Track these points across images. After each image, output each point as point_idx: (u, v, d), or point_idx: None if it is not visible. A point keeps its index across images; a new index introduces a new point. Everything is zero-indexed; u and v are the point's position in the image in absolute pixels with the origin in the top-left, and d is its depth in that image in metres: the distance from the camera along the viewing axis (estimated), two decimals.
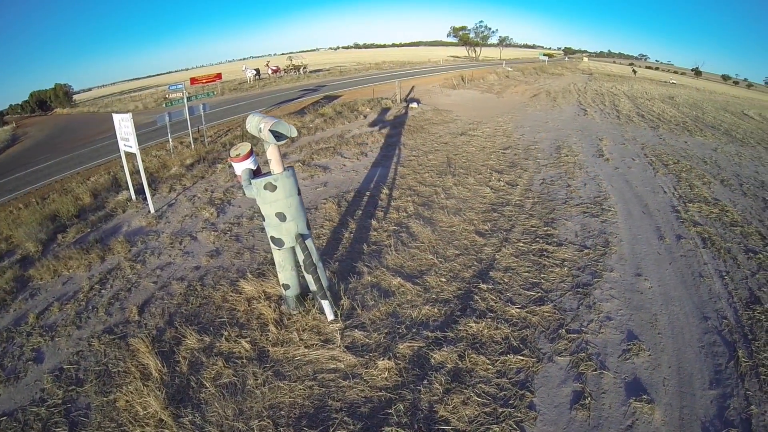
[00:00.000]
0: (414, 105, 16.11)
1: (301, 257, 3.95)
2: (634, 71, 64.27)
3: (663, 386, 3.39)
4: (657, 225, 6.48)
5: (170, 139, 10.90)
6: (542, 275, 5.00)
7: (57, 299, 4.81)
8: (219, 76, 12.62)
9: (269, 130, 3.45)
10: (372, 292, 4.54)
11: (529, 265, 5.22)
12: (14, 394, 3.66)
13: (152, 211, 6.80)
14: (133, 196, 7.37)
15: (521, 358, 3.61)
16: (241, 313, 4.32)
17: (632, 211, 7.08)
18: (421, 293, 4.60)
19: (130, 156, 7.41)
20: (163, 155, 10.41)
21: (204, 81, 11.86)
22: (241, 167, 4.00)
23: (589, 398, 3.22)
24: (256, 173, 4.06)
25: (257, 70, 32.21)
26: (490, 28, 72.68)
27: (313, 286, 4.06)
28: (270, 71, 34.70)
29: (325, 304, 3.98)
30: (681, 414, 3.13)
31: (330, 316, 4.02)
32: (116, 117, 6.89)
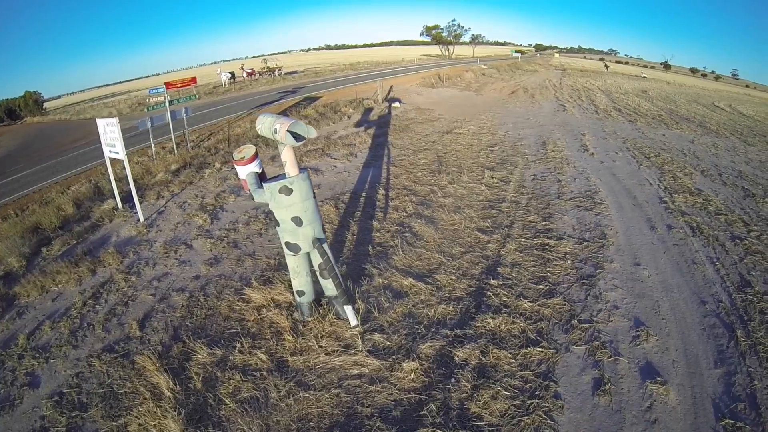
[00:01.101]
0: (396, 104, 16.35)
1: (317, 262, 4.00)
2: (606, 66, 66.91)
3: (673, 368, 3.69)
4: (648, 216, 6.90)
5: (153, 145, 10.74)
6: (548, 269, 5.27)
7: (48, 317, 4.66)
8: (194, 80, 12.44)
9: (287, 131, 3.43)
10: (385, 293, 4.66)
11: (534, 260, 5.48)
12: (11, 424, 3.46)
13: (141, 219, 6.68)
14: (120, 205, 7.21)
15: (540, 350, 3.83)
16: (251, 323, 4.31)
17: (622, 203, 7.50)
18: (434, 292, 4.76)
19: (115, 163, 7.27)
20: (145, 161, 10.22)
21: (179, 85, 11.69)
22: (246, 171, 3.96)
23: (608, 384, 3.46)
24: (260, 176, 4.10)
25: (232, 74, 32.25)
26: (462, 27, 74.25)
27: (332, 292, 4.12)
28: (245, 74, 34.90)
29: (348, 309, 4.00)
30: (693, 393, 3.42)
31: (353, 321, 4.05)
32: (101, 122, 6.75)
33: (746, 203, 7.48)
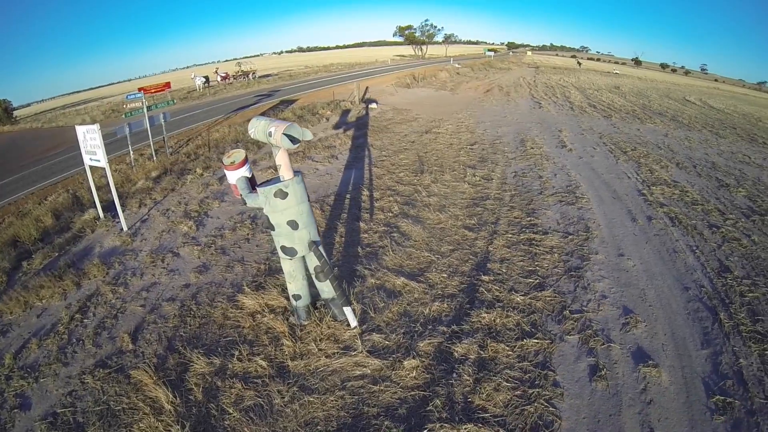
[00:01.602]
0: (373, 105, 16.49)
1: (312, 265, 4.04)
2: (579, 63, 69.15)
3: (663, 351, 3.90)
4: (628, 208, 7.22)
5: (131, 152, 10.55)
6: (536, 263, 5.46)
7: (34, 335, 4.52)
8: (168, 84, 12.26)
9: (283, 134, 3.45)
10: (379, 294, 4.74)
11: (522, 255, 5.66)
12: None
13: (125, 228, 6.55)
14: (101, 214, 7.04)
15: (536, 341, 3.99)
16: (247, 329, 4.30)
17: (603, 197, 7.81)
18: (427, 290, 4.87)
19: (94, 171, 7.11)
20: (124, 169, 10.02)
21: (153, 91, 11.50)
22: (236, 175, 3.96)
23: (604, 370, 3.64)
24: (250, 181, 4.13)
25: (206, 78, 32.36)
26: (435, 26, 75.39)
27: (328, 294, 4.16)
28: (219, 78, 35.04)
29: (347, 311, 4.05)
30: (683, 373, 3.64)
31: (353, 323, 4.10)
32: (80, 129, 6.58)
33: (721, 193, 7.93)
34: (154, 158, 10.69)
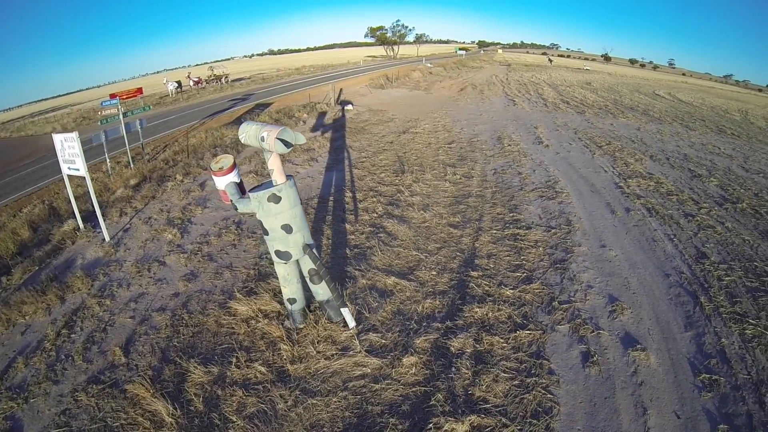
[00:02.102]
0: (349, 107, 16.59)
1: (307, 268, 4.08)
2: (550, 60, 71.22)
3: (649, 335, 4.12)
4: (606, 201, 7.54)
5: (107, 159, 10.31)
6: (522, 257, 5.65)
7: (19, 353, 4.36)
8: (140, 90, 11.99)
9: (277, 138, 3.49)
10: (372, 294, 4.81)
11: (508, 250, 5.84)
12: None
13: (107, 238, 6.39)
14: (81, 225, 6.85)
15: (528, 332, 4.14)
16: (242, 336, 4.29)
17: (582, 191, 8.12)
18: (418, 288, 4.98)
19: (72, 180, 6.92)
20: (101, 177, 9.77)
21: (125, 97, 11.24)
22: (225, 181, 4.00)
23: (595, 356, 3.82)
24: (239, 186, 4.14)
25: (179, 83, 32.44)
26: (406, 27, 76.18)
27: (323, 297, 4.21)
28: (192, 83, 34.97)
29: (345, 312, 4.10)
30: (670, 355, 3.86)
31: (351, 323, 4.15)
32: (57, 137, 6.40)
33: (694, 183, 8.38)
34: (132, 166, 10.50)
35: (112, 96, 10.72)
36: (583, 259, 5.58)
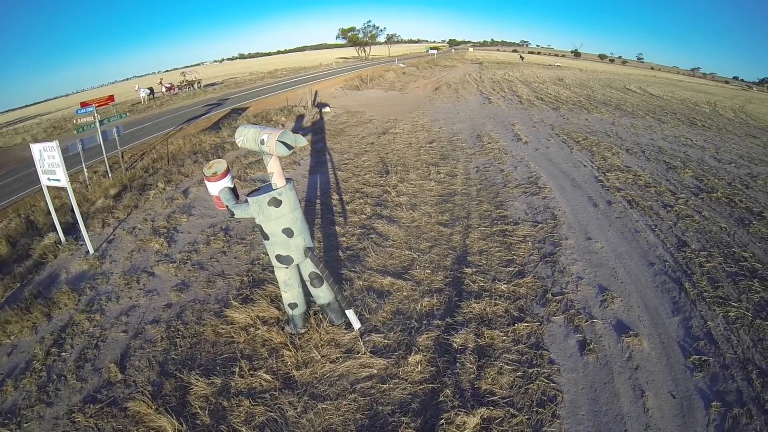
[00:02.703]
0: (327, 110, 16.64)
1: (307, 272, 4.11)
2: (522, 57, 72.91)
3: (640, 322, 4.37)
4: (588, 195, 7.86)
5: (85, 169, 10.04)
6: (513, 252, 5.84)
7: (7, 375, 4.20)
8: (111, 98, 11.72)
9: (278, 141, 3.48)
10: (370, 294, 4.90)
11: (498, 246, 6.03)
12: None
13: (91, 251, 6.22)
14: (63, 238, 6.64)
15: (526, 324, 4.32)
16: (242, 344, 4.27)
17: (564, 185, 8.44)
18: (414, 287, 5.09)
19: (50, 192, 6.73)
20: (79, 188, 9.46)
21: (96, 105, 11.00)
22: (219, 187, 3.99)
23: (592, 344, 4.02)
24: (232, 191, 4.15)
25: (151, 89, 32.18)
26: (378, 27, 76.65)
27: (324, 300, 4.25)
28: (164, 89, 34.65)
29: (350, 313, 4.11)
30: (661, 339, 4.11)
31: (357, 324, 4.17)
32: (36, 147, 6.19)
33: (670, 175, 8.83)
34: (110, 175, 10.27)
35: (83, 104, 10.47)
36: (571, 252, 5.82)
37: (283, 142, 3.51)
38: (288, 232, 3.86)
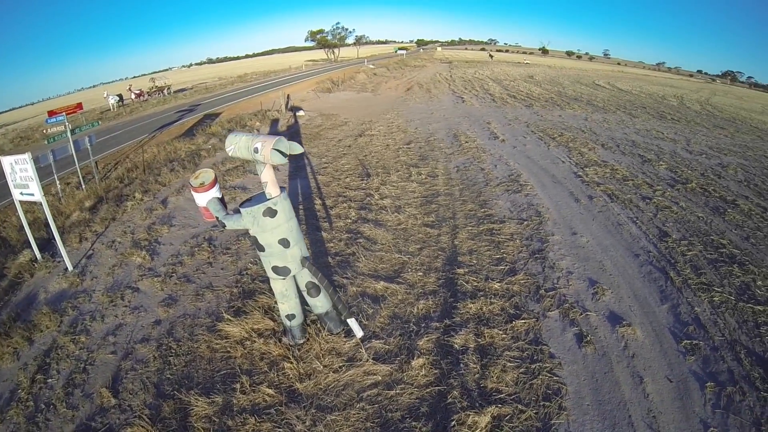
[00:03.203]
0: (301, 113, 16.61)
1: (304, 282, 4.09)
2: (491, 56, 74.48)
3: (631, 311, 4.58)
4: (569, 190, 8.13)
5: (57, 181, 9.64)
6: (502, 250, 6.00)
7: None
8: (79, 106, 11.32)
9: (273, 149, 3.40)
10: (365, 300, 4.93)
11: (487, 244, 6.18)
12: None
13: (70, 268, 5.99)
14: (39, 255, 6.36)
15: (523, 321, 4.45)
16: (240, 359, 4.20)
17: (544, 182, 8.70)
18: (408, 290, 5.16)
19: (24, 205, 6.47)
20: (52, 201, 9.07)
21: (60, 113, 10.64)
22: (207, 197, 3.92)
23: (588, 336, 4.19)
24: (221, 202, 4.10)
25: (120, 96, 31.50)
26: (346, 29, 76.92)
27: (322, 309, 4.25)
28: (133, 96, 34.12)
29: (352, 322, 4.08)
30: (652, 327, 4.32)
31: (359, 333, 4.14)
32: (6, 160, 5.89)
33: (645, 168, 9.24)
34: (83, 186, 9.93)
35: (51, 113, 10.11)
36: (559, 248, 6.02)
37: (278, 150, 3.43)
38: (284, 243, 3.80)
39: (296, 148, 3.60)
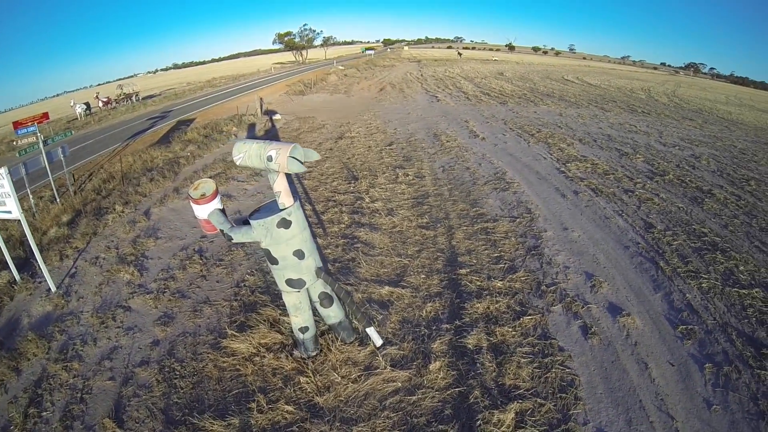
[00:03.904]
0: (277, 116, 16.57)
1: (316, 293, 4.08)
2: (459, 54, 75.52)
3: (629, 301, 4.90)
4: (555, 186, 8.49)
5: (30, 195, 9.29)
6: (499, 249, 6.25)
7: None
8: (46, 115, 10.93)
9: (289, 156, 3.29)
10: (372, 306, 5.07)
11: (484, 244, 6.42)
12: None
13: (53, 288, 5.80)
14: (17, 276, 6.12)
15: (530, 317, 4.69)
16: (251, 376, 4.17)
17: (530, 179, 9.04)
18: (414, 293, 5.32)
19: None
20: (25, 216, 8.65)
21: (30, 124, 10.29)
22: (208, 209, 3.80)
23: (593, 327, 4.47)
24: (223, 213, 4.01)
25: (87, 104, 30.41)
26: (314, 30, 76.80)
27: (335, 319, 4.30)
28: (101, 103, 33.13)
29: (371, 331, 4.11)
30: (650, 315, 4.64)
31: (378, 341, 4.19)
32: None
33: (624, 162, 9.73)
34: (58, 200, 9.60)
35: (17, 125, 9.77)
36: (553, 243, 6.31)
37: (294, 158, 3.32)
38: (299, 254, 3.74)
39: (312, 155, 3.50)
